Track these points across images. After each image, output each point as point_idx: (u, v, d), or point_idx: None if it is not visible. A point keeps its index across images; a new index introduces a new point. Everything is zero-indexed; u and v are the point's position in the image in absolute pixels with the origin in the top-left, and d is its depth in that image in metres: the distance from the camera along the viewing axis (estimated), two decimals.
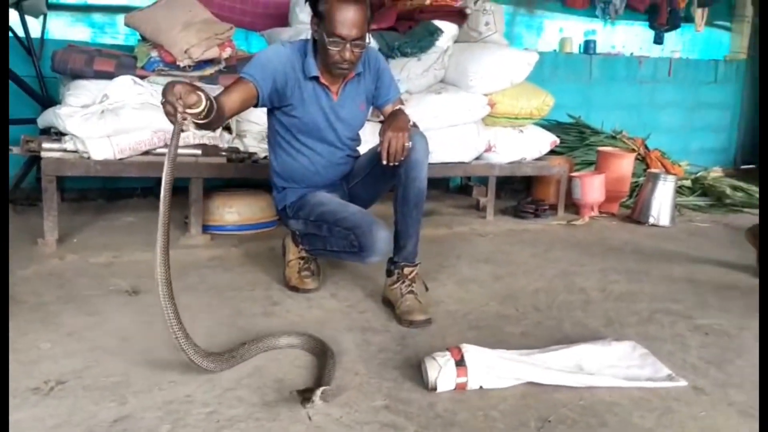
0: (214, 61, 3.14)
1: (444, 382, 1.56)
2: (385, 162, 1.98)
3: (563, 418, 1.48)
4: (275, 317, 2.05)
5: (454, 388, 1.57)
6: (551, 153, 4.12)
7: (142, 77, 3.00)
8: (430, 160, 3.38)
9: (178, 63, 3.03)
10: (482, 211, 3.74)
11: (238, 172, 3.01)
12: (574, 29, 5.59)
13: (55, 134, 2.90)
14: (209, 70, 3.14)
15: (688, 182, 4.57)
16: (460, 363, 1.57)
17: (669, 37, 5.87)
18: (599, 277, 2.61)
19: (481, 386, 1.58)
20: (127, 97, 2.86)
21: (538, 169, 3.90)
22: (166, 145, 2.90)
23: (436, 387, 1.56)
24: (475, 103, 3.53)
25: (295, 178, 2.28)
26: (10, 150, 2.83)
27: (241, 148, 3.11)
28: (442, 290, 2.37)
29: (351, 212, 2.08)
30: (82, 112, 2.78)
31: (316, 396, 1.45)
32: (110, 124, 2.74)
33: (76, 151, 2.77)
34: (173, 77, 3.08)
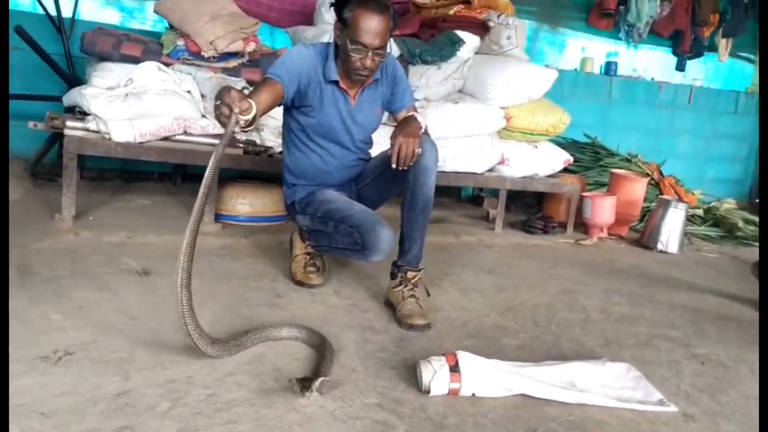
0: (238, 54, 3.20)
1: (437, 386, 1.59)
2: (394, 166, 2.02)
3: (551, 431, 1.51)
4: (278, 309, 2.10)
5: (447, 392, 1.60)
6: (565, 171, 4.15)
7: (167, 64, 3.06)
8: (443, 168, 3.49)
9: (202, 53, 3.09)
10: (491, 222, 3.77)
11: (253, 165, 3.06)
12: (596, 49, 5.61)
13: (79, 113, 2.96)
14: (233, 63, 3.20)
15: (701, 211, 4.58)
16: (454, 369, 1.61)
17: (691, 64, 5.88)
18: (601, 298, 2.64)
19: (473, 393, 1.62)
20: (151, 82, 2.92)
21: (549, 185, 3.92)
22: (185, 132, 2.97)
23: (429, 390, 1.60)
24: (491, 116, 3.56)
25: (306, 175, 2.33)
26: (35, 125, 2.89)
27: (258, 141, 3.16)
28: (444, 297, 2.40)
29: (356, 211, 2.13)
30: (106, 93, 2.85)
31: (315, 385, 1.49)
32: (133, 107, 2.80)
33: (98, 132, 2.83)
34: (197, 66, 3.15)
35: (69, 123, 2.84)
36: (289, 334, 1.84)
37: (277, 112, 3.00)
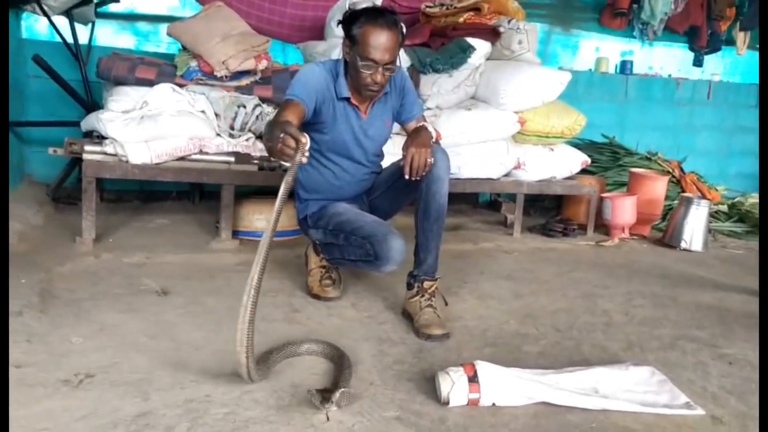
0: (250, 72, 3.23)
1: (456, 397, 1.58)
2: (407, 176, 2.02)
3: None
4: (295, 324, 2.10)
5: (467, 403, 1.59)
6: (583, 172, 4.10)
7: (181, 85, 3.11)
8: (459, 176, 3.47)
9: (215, 73, 3.14)
10: (509, 228, 3.74)
11: (267, 181, 3.07)
12: (611, 49, 5.55)
13: (97, 137, 3.01)
14: (245, 81, 3.24)
15: (725, 207, 4.49)
16: (473, 379, 1.59)
17: (709, 59, 5.78)
18: (623, 300, 2.59)
19: (493, 403, 1.60)
20: (166, 104, 2.96)
21: (567, 188, 3.88)
22: (200, 151, 3.00)
23: (448, 401, 1.58)
24: (505, 121, 3.54)
25: (319, 190, 2.34)
26: (54, 151, 2.96)
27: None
28: (462, 305, 2.38)
29: (367, 222, 2.12)
30: (122, 117, 2.90)
31: (335, 396, 1.49)
32: (148, 129, 2.85)
33: (115, 155, 2.87)
34: (211, 86, 3.19)
35: (87, 147, 2.89)
36: (307, 349, 1.84)
37: None
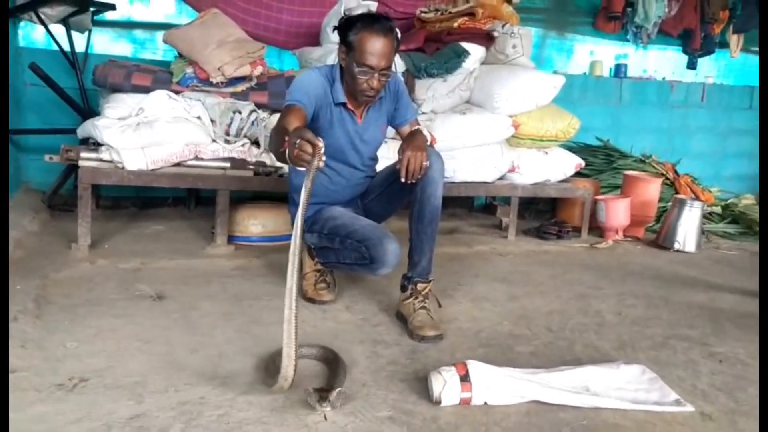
0: (245, 78, 3.26)
1: (448, 396, 1.59)
2: (403, 180, 2.04)
3: None
4: None
5: (459, 402, 1.60)
6: (578, 175, 4.13)
7: (177, 92, 3.13)
8: (453, 179, 3.50)
9: (211, 79, 3.16)
10: (505, 230, 3.76)
11: (263, 186, 3.10)
12: (605, 53, 5.59)
13: (93, 144, 3.04)
14: (241, 87, 3.26)
15: (719, 209, 4.51)
16: (464, 378, 1.60)
17: (703, 62, 5.82)
18: (616, 301, 2.61)
19: (485, 402, 1.61)
20: (162, 110, 2.99)
21: (561, 191, 3.90)
22: (196, 157, 3.01)
23: (440, 401, 1.59)
24: (499, 124, 3.57)
25: (314, 194, 2.31)
26: (50, 158, 2.98)
27: (268, 162, 3.20)
28: (456, 308, 2.40)
29: (362, 225, 2.14)
30: (118, 124, 2.92)
31: (332, 396, 1.50)
32: (144, 136, 2.87)
33: (111, 161, 2.89)
34: (206, 92, 3.21)
35: (83, 154, 2.91)
36: (303, 354, 1.86)
37: None
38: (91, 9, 3.65)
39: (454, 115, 3.57)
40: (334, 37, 2.25)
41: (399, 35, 2.14)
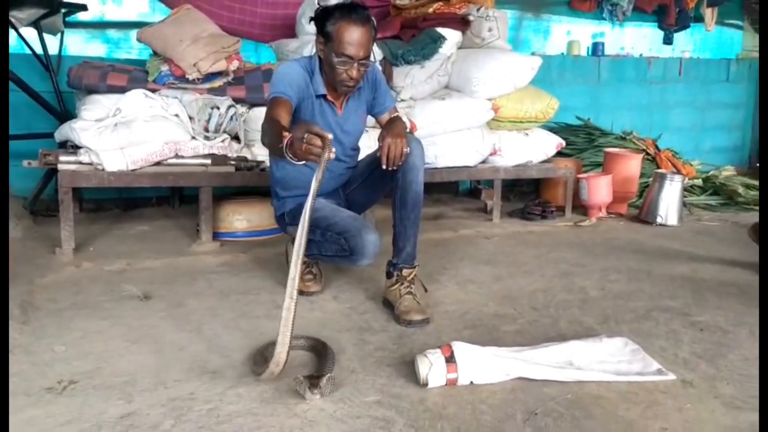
0: (222, 73, 3.24)
1: (435, 377, 1.62)
2: (384, 167, 2.05)
3: (550, 411, 1.52)
4: (277, 320, 2.07)
5: (445, 383, 1.63)
6: (560, 155, 4.16)
7: (154, 90, 3.11)
8: (436, 165, 3.51)
9: (187, 76, 3.14)
10: (489, 214, 3.78)
11: (245, 181, 3.09)
12: (582, 32, 5.61)
13: (72, 147, 3.01)
14: (218, 83, 3.24)
15: (700, 181, 4.56)
16: (450, 359, 1.63)
17: (679, 37, 5.86)
18: (599, 277, 2.65)
19: (471, 381, 1.64)
20: (139, 110, 2.97)
21: (543, 171, 3.93)
22: (176, 155, 3.00)
23: (427, 383, 1.62)
24: (479, 108, 3.58)
25: (298, 186, 2.35)
26: (29, 164, 2.96)
27: (249, 156, 3.19)
28: (442, 291, 2.42)
29: (341, 217, 2.15)
30: (96, 125, 2.90)
31: (322, 382, 1.53)
32: (123, 136, 2.85)
33: (90, 164, 2.88)
34: (183, 89, 3.19)
35: (62, 158, 2.89)
36: (294, 344, 1.87)
37: None
38: (62, 10, 3.61)
39: (433, 101, 3.58)
40: (310, 28, 2.25)
41: (375, 24, 2.14)
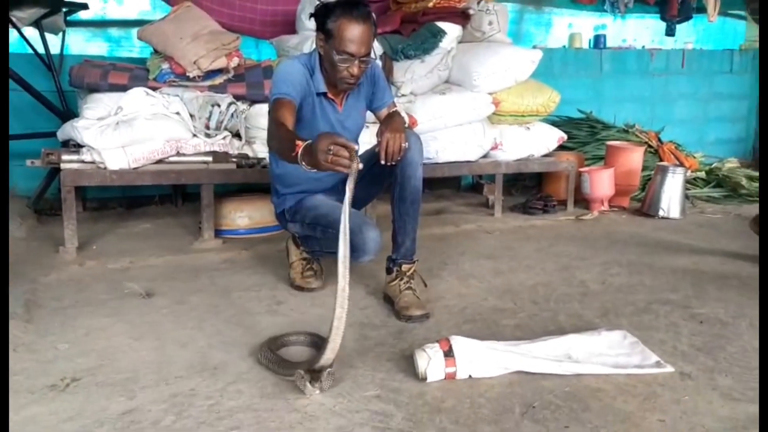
0: (222, 70, 3.26)
1: (433, 372, 1.63)
2: (383, 162, 2.05)
3: (547, 403, 1.53)
4: (279, 315, 2.14)
5: (444, 377, 1.64)
6: (562, 149, 4.15)
7: (155, 88, 3.13)
8: (437, 160, 3.52)
9: (187, 74, 3.16)
10: (491, 208, 3.79)
11: (247, 178, 3.11)
12: (583, 24, 5.59)
13: (74, 146, 3.04)
14: (218, 80, 3.26)
15: (703, 174, 4.55)
16: (448, 354, 1.64)
17: (681, 28, 5.82)
18: (600, 270, 2.65)
19: (470, 375, 1.65)
20: (140, 108, 2.98)
21: (545, 165, 3.93)
22: (178, 153, 3.02)
23: (426, 377, 1.63)
24: (479, 102, 3.59)
25: (298, 183, 2.37)
26: (32, 163, 2.98)
27: (251, 154, 3.21)
28: (442, 286, 2.43)
29: None
30: (98, 124, 2.92)
31: (323, 376, 1.55)
32: (124, 134, 2.87)
33: (93, 162, 2.90)
34: (184, 87, 3.20)
35: (64, 157, 2.91)
36: (294, 340, 1.89)
37: (264, 123, 3.06)
38: (63, 9, 3.63)
39: (434, 96, 3.58)
40: (310, 24, 2.25)
41: (375, 20, 2.15)
